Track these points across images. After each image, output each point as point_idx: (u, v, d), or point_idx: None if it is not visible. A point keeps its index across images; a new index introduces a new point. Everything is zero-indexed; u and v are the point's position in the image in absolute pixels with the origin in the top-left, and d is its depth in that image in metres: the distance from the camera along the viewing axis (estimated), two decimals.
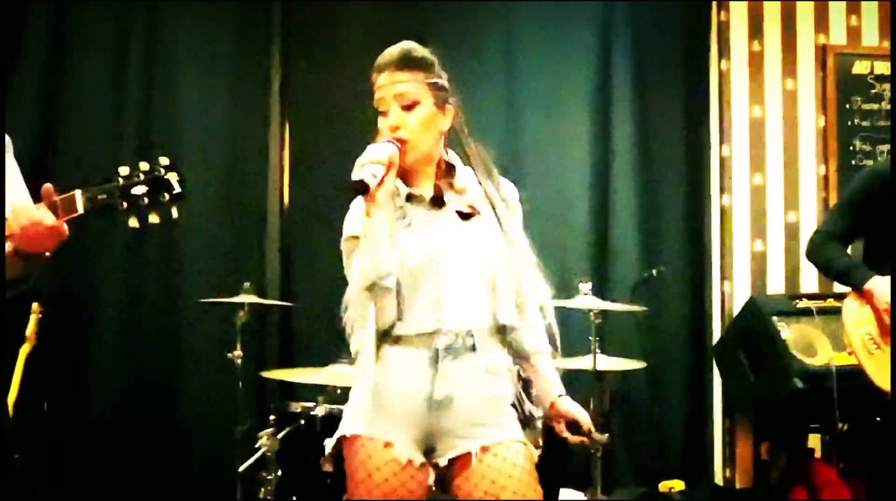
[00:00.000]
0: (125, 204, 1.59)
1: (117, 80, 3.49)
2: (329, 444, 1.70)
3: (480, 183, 1.73)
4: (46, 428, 3.18)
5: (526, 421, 1.82)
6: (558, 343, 1.76)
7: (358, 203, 1.70)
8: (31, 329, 2.79)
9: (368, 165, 1.56)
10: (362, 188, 1.55)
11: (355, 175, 1.55)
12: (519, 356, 1.72)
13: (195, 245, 3.49)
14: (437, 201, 1.69)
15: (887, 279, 2.54)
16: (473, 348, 1.64)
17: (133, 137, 3.48)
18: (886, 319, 2.52)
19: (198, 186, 3.51)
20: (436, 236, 1.64)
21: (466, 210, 1.69)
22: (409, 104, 1.67)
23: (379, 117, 1.70)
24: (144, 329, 3.42)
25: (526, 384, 2.82)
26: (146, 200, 1.59)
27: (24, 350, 2.77)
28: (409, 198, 1.69)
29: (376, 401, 1.63)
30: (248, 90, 3.60)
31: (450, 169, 1.74)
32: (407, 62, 1.69)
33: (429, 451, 1.66)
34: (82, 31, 3.46)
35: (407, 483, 1.62)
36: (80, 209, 1.58)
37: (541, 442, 2.73)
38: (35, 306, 2.81)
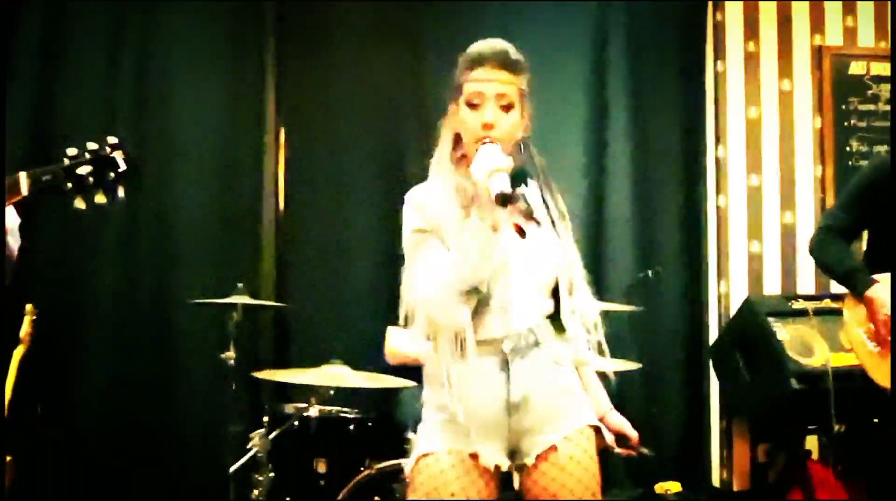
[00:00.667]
0: (70, 184, 1.56)
1: (111, 80, 3.48)
2: (408, 465, 1.68)
3: (542, 195, 1.75)
4: (40, 430, 3.18)
5: None
6: (606, 351, 1.79)
7: (415, 193, 1.69)
8: (25, 331, 2.77)
9: (498, 174, 1.53)
10: (508, 200, 1.51)
11: (494, 188, 1.51)
12: None
13: (189, 246, 3.49)
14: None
15: (887, 287, 2.52)
16: (537, 343, 1.65)
17: (127, 137, 3.45)
18: (883, 331, 2.49)
19: (192, 186, 3.52)
20: (503, 243, 1.63)
21: (525, 223, 1.70)
22: (506, 105, 1.67)
23: (465, 109, 1.66)
24: (138, 330, 3.41)
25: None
26: (91, 179, 1.56)
27: (18, 352, 2.76)
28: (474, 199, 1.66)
29: (455, 415, 1.62)
30: (242, 90, 3.60)
31: None
32: (510, 63, 1.68)
33: (513, 453, 1.66)
34: (76, 31, 3.46)
35: (481, 492, 1.62)
36: (25, 191, 1.55)
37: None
38: (29, 307, 2.80)
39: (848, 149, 4.03)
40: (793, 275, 3.95)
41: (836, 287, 3.90)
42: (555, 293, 1.71)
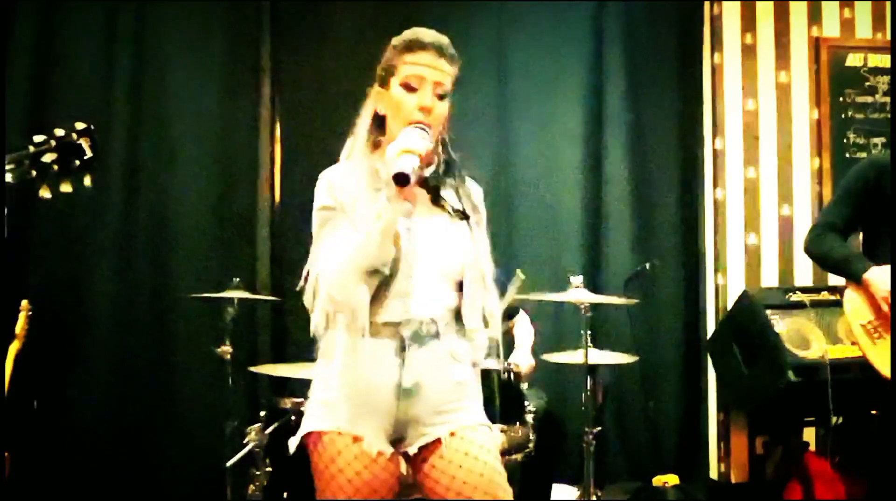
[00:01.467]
0: (34, 172, 1.50)
1: (106, 77, 3.47)
2: (294, 442, 1.66)
3: (457, 188, 1.72)
4: (36, 426, 3.17)
5: (519, 418, 1.81)
6: (501, 353, 1.77)
7: (328, 173, 1.69)
8: (20, 327, 2.77)
9: (406, 155, 1.53)
10: (404, 181, 1.50)
11: (397, 166, 1.51)
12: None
13: (186, 241, 3.48)
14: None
15: (885, 269, 2.52)
16: (437, 334, 1.64)
17: (122, 132, 3.46)
18: (885, 308, 2.50)
19: (188, 181, 3.51)
20: (411, 228, 1.63)
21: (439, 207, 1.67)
22: (441, 94, 1.67)
23: (399, 91, 1.66)
24: (134, 326, 3.41)
25: (517, 379, 2.82)
26: (56, 167, 1.50)
27: (14, 348, 2.75)
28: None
29: (342, 393, 1.61)
30: (237, 86, 3.59)
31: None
32: (449, 53, 1.68)
33: (396, 441, 1.65)
34: (70, 28, 3.44)
35: (379, 475, 1.61)
36: None
37: (532, 437, 2.73)
38: (24, 303, 2.79)
39: (845, 141, 4.02)
40: (790, 267, 3.95)
41: (833, 280, 3.92)
42: (461, 287, 1.68)
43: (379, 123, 1.71)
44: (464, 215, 1.69)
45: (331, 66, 3.60)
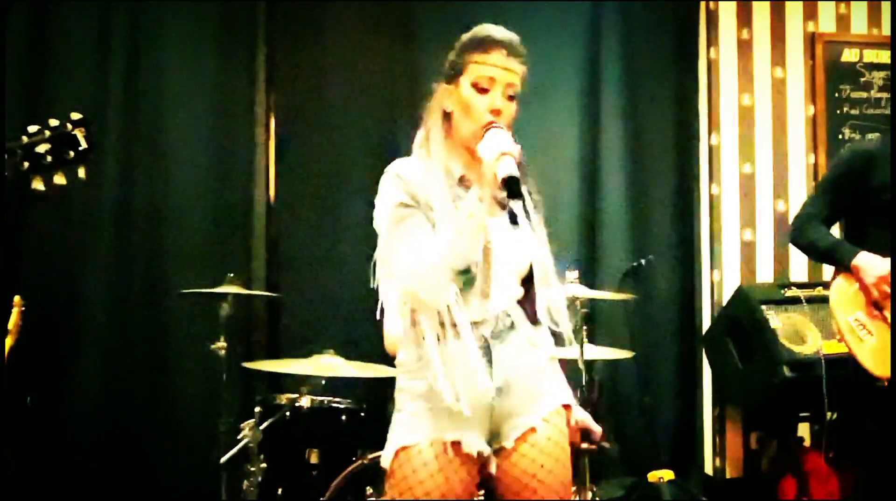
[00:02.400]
0: (27, 164, 1.46)
1: (101, 74, 3.44)
2: (386, 457, 1.65)
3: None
4: (30, 422, 3.16)
5: None
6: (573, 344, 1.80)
7: (399, 168, 1.66)
8: (13, 322, 2.74)
9: (506, 157, 1.52)
10: (515, 184, 1.49)
11: (503, 169, 1.49)
12: None
13: (181, 236, 3.46)
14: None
15: (875, 255, 2.51)
16: (513, 326, 1.65)
17: (118, 129, 3.44)
18: (875, 293, 2.49)
19: (183, 177, 3.49)
20: (491, 228, 1.62)
21: (513, 213, 1.68)
22: (511, 95, 1.66)
23: (470, 91, 1.64)
24: (129, 321, 3.39)
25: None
26: (49, 158, 1.46)
27: (7, 344, 2.73)
28: (461, 181, 1.66)
29: (437, 403, 1.59)
30: (233, 81, 3.57)
31: None
32: (518, 52, 1.68)
33: (492, 437, 1.65)
34: (65, 26, 3.41)
35: (464, 480, 1.61)
36: None
37: None
38: (17, 298, 2.76)
39: (840, 136, 4.02)
40: (785, 263, 3.95)
41: (828, 275, 3.92)
42: (524, 281, 1.69)
43: (447, 117, 1.69)
44: (514, 216, 1.68)
45: (326, 63, 3.59)
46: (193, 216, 3.48)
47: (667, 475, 3.42)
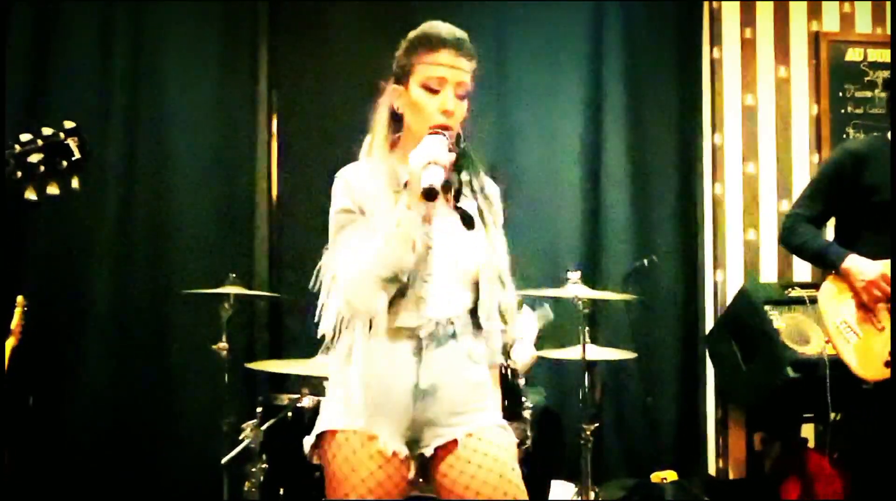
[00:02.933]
0: (19, 173, 1.44)
1: (103, 73, 3.45)
2: (309, 440, 1.66)
3: (472, 185, 1.70)
4: (32, 422, 3.16)
5: (517, 414, 1.81)
6: (510, 350, 1.78)
7: (347, 173, 1.65)
8: (15, 323, 2.75)
9: (433, 167, 1.49)
10: (434, 196, 1.48)
11: (425, 180, 1.47)
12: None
13: (183, 237, 3.46)
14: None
15: (864, 258, 2.50)
16: (454, 335, 1.63)
17: (120, 129, 3.44)
18: (865, 296, 2.48)
19: (186, 177, 3.50)
20: (428, 232, 1.61)
21: (464, 215, 1.65)
22: (462, 94, 1.63)
23: (419, 92, 1.62)
24: (131, 322, 3.39)
25: (514, 375, 2.81)
26: (42, 168, 1.45)
27: (9, 344, 2.73)
28: (406, 185, 1.62)
29: (358, 394, 1.60)
30: (235, 81, 3.57)
31: None
32: (468, 50, 1.65)
33: (411, 442, 1.64)
34: (67, 26, 3.42)
35: (392, 476, 1.60)
36: None
37: (530, 433, 2.72)
38: (20, 299, 2.77)
39: (844, 136, 4.01)
40: (789, 263, 3.94)
41: None
42: (476, 287, 1.66)
43: (396, 119, 1.68)
44: (468, 219, 1.65)
45: (328, 62, 3.59)
46: (196, 217, 3.48)
47: (670, 475, 3.41)
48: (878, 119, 4.00)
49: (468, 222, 1.53)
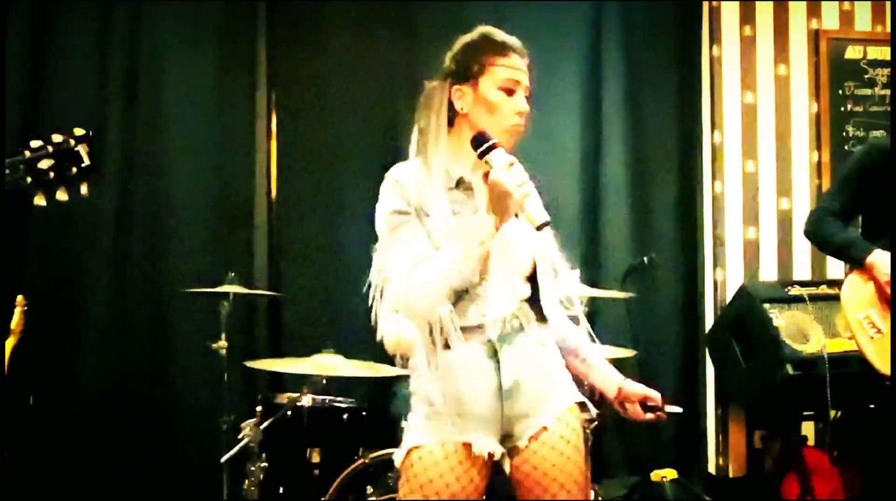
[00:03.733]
0: (29, 179, 1.46)
1: (100, 68, 3.44)
2: (399, 456, 1.66)
3: None
4: (32, 421, 3.16)
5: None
6: (592, 333, 1.81)
7: (399, 172, 1.65)
8: (15, 322, 2.74)
9: (534, 198, 1.53)
10: (546, 226, 1.53)
11: (541, 217, 1.52)
12: (562, 352, 1.75)
13: (182, 235, 3.46)
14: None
15: (889, 253, 2.49)
16: (521, 327, 1.65)
17: (118, 127, 3.44)
18: (888, 291, 2.47)
19: (184, 175, 3.49)
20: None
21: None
22: (528, 96, 1.69)
23: (495, 93, 1.65)
24: (130, 320, 3.39)
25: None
26: (51, 174, 1.47)
27: (9, 343, 2.73)
28: (459, 183, 1.65)
29: (446, 405, 1.61)
30: (233, 77, 3.56)
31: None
32: (527, 57, 1.71)
33: (504, 438, 1.66)
34: (65, 26, 3.41)
35: (474, 480, 1.61)
36: None
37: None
38: (19, 298, 2.76)
39: (844, 134, 4.01)
40: (789, 261, 3.94)
41: (832, 273, 3.90)
42: (530, 279, 1.69)
43: (451, 119, 1.69)
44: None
45: (326, 62, 3.58)
46: (195, 215, 3.48)
47: (670, 474, 3.41)
48: (878, 117, 4.00)
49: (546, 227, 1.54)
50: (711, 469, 3.87)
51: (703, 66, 3.93)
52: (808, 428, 3.76)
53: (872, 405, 2.85)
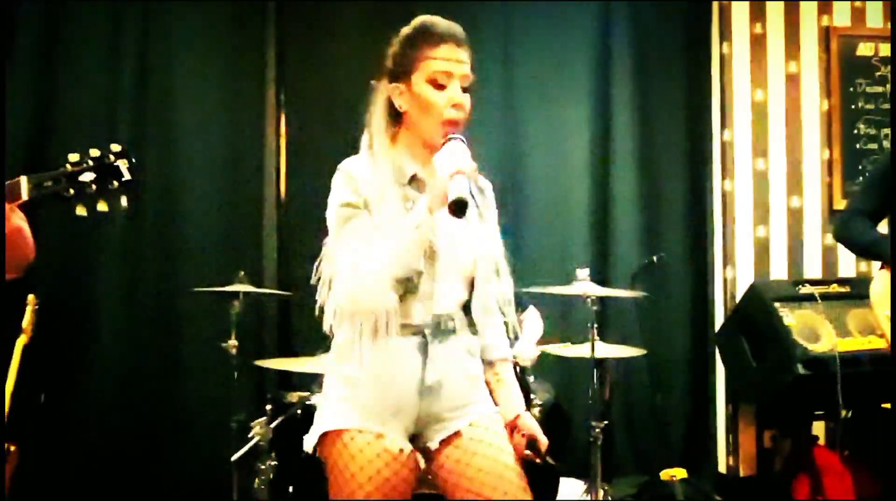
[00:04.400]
0: (72, 191, 1.55)
1: (112, 70, 3.46)
2: (310, 440, 1.64)
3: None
4: (44, 419, 3.18)
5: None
6: (512, 343, 1.79)
7: (349, 166, 1.64)
8: (27, 321, 2.77)
9: (460, 177, 1.49)
10: (464, 208, 1.46)
11: (454, 192, 1.45)
12: (483, 359, 1.73)
13: (192, 235, 3.48)
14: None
15: None
16: (454, 330, 1.65)
17: (128, 127, 3.45)
18: None
19: (194, 174, 3.51)
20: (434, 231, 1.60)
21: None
22: (466, 87, 1.63)
23: (427, 88, 1.61)
24: (141, 319, 3.41)
25: (522, 372, 2.80)
26: (94, 187, 1.55)
27: (21, 342, 2.75)
28: (412, 180, 1.63)
29: (363, 392, 1.60)
30: (243, 77, 3.58)
31: None
32: (466, 43, 1.65)
33: (415, 437, 1.65)
34: (76, 25, 3.43)
35: (399, 472, 1.60)
36: (25, 196, 1.54)
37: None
38: (31, 297, 2.79)
39: (855, 132, 3.98)
40: (799, 260, 3.92)
41: (843, 272, 3.89)
42: (471, 282, 1.67)
43: (394, 115, 1.67)
44: (477, 207, 1.65)
45: (336, 60, 3.59)
46: (205, 215, 3.50)
47: (679, 473, 3.40)
48: (889, 114, 3.97)
49: (461, 209, 1.48)
50: (721, 468, 3.85)
51: (713, 63, 3.91)
52: (818, 428, 3.74)
53: (888, 405, 2.82)
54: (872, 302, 2.55)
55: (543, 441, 1.72)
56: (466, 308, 1.67)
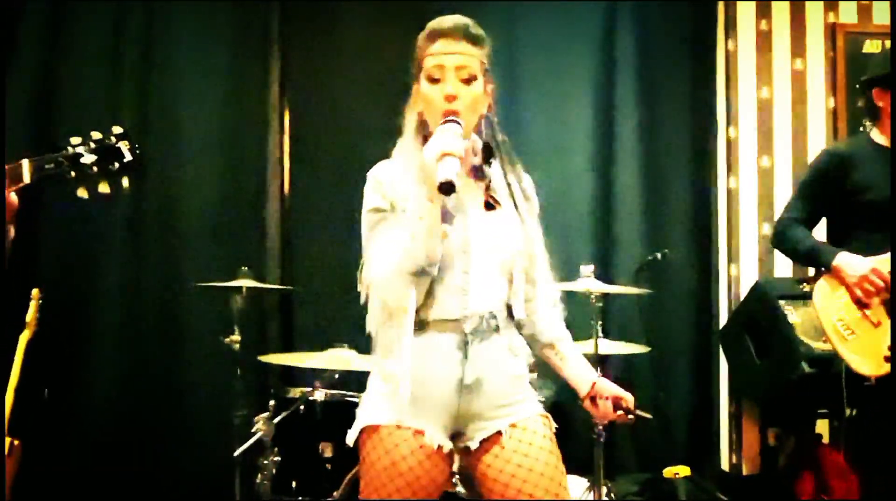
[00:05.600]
0: (73, 173, 1.57)
1: (115, 64, 3.47)
2: (352, 435, 1.65)
3: (505, 173, 1.71)
4: (47, 414, 3.19)
5: None
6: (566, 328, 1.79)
7: (378, 171, 1.67)
8: (31, 315, 2.77)
9: (446, 159, 1.50)
10: (451, 189, 1.47)
11: (440, 175, 1.48)
12: (539, 345, 1.75)
13: (195, 230, 3.48)
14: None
15: (854, 255, 2.52)
16: (497, 329, 1.64)
17: (132, 125, 3.45)
18: (858, 292, 2.49)
19: (197, 169, 3.51)
20: (466, 224, 1.62)
21: (489, 201, 1.67)
22: (467, 78, 1.64)
23: (425, 85, 1.64)
24: (144, 314, 3.42)
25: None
26: (95, 169, 1.57)
27: (25, 337, 2.76)
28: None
29: (406, 389, 1.59)
30: (247, 78, 3.58)
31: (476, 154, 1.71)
32: (469, 35, 1.66)
33: (455, 435, 1.65)
34: (80, 24, 3.43)
35: (431, 471, 1.60)
36: (27, 179, 1.56)
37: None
38: (35, 292, 2.79)
39: (862, 129, 3.95)
40: None
41: None
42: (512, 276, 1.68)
43: (421, 119, 1.69)
44: (515, 203, 1.67)
45: (339, 59, 3.59)
46: (207, 210, 3.50)
47: (682, 471, 3.40)
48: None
49: (448, 191, 1.48)
50: (724, 466, 3.85)
51: (719, 60, 3.90)
52: (822, 426, 3.73)
53: (855, 410, 2.83)
54: (818, 311, 2.56)
55: (628, 399, 1.73)
56: (511, 308, 1.67)
